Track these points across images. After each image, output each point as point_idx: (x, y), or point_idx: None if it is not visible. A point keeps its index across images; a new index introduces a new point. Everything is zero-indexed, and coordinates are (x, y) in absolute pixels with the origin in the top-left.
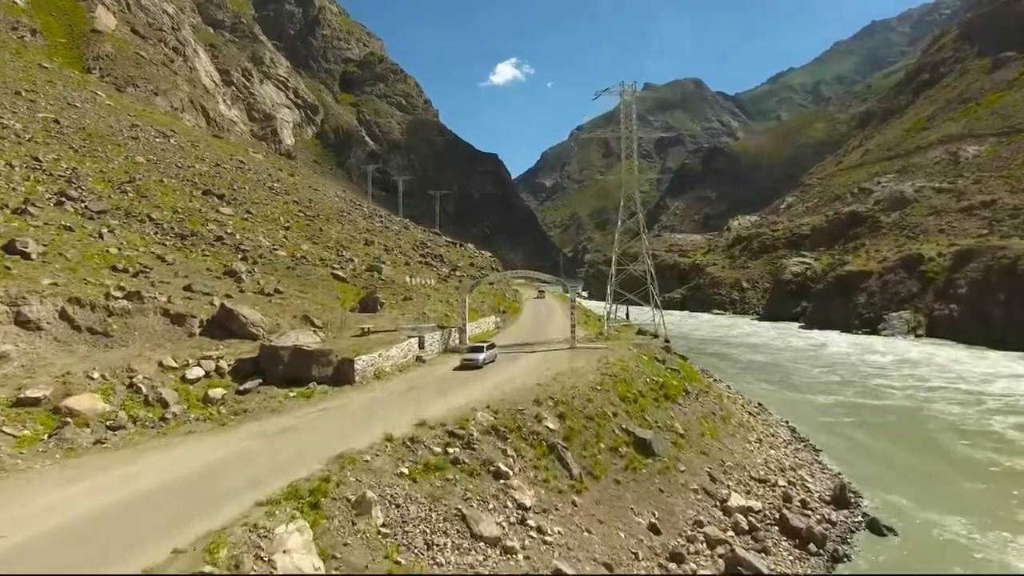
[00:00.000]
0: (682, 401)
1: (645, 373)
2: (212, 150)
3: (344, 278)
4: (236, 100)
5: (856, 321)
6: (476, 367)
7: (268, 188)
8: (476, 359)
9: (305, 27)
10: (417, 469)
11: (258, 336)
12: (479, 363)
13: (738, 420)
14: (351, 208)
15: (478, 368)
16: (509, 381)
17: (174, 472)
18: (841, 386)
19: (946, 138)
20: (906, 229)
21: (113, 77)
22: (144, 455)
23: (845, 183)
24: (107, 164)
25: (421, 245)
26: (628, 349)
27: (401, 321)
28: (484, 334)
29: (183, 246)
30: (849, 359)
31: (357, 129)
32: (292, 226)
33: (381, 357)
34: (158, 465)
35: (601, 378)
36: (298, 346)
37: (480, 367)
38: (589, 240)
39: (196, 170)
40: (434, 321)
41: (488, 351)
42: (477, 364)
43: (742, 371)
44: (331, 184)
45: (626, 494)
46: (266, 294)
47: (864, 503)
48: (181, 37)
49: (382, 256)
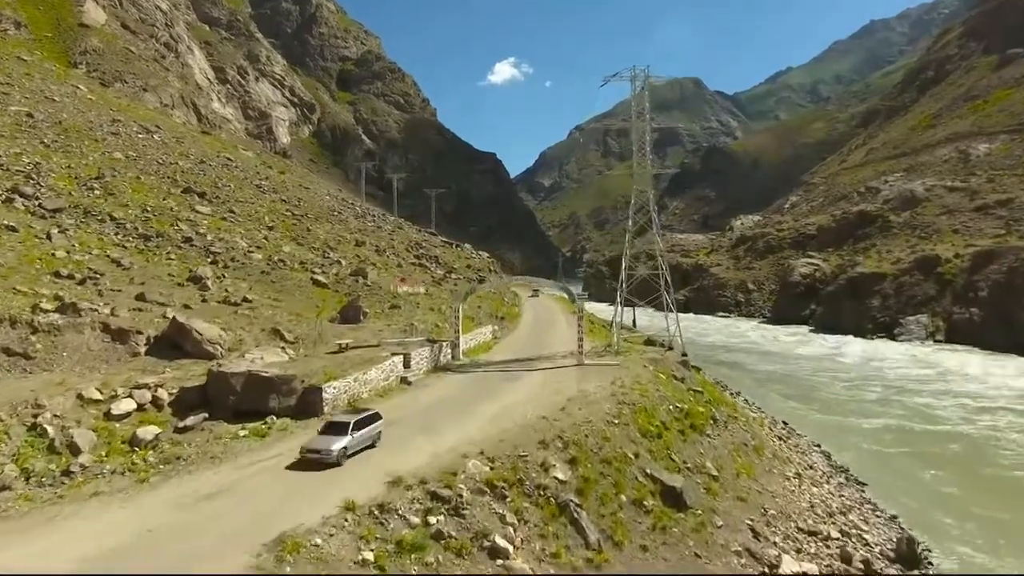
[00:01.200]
0: (711, 431)
1: (667, 398)
2: (199, 146)
3: (325, 284)
4: (231, 98)
5: (870, 325)
6: (330, 463)
7: (255, 186)
8: (328, 451)
9: (302, 25)
10: (386, 552)
11: (215, 355)
12: (333, 457)
13: (772, 450)
14: (343, 207)
15: (334, 465)
16: (508, 412)
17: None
18: (880, 405)
19: (954, 136)
20: (918, 229)
21: (100, 72)
22: None
23: (850, 182)
24: (79, 160)
25: (415, 246)
26: (643, 366)
27: (386, 334)
28: (480, 347)
29: (146, 248)
30: (878, 369)
31: (354, 128)
32: (277, 226)
33: (357, 382)
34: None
35: (618, 407)
36: (254, 372)
37: (337, 463)
38: (588, 240)
39: (179, 167)
40: (423, 333)
41: (358, 432)
42: (331, 459)
43: (759, 383)
44: (325, 183)
45: (656, 563)
46: (232, 303)
47: (936, 561)
48: (175, 34)
49: (371, 258)
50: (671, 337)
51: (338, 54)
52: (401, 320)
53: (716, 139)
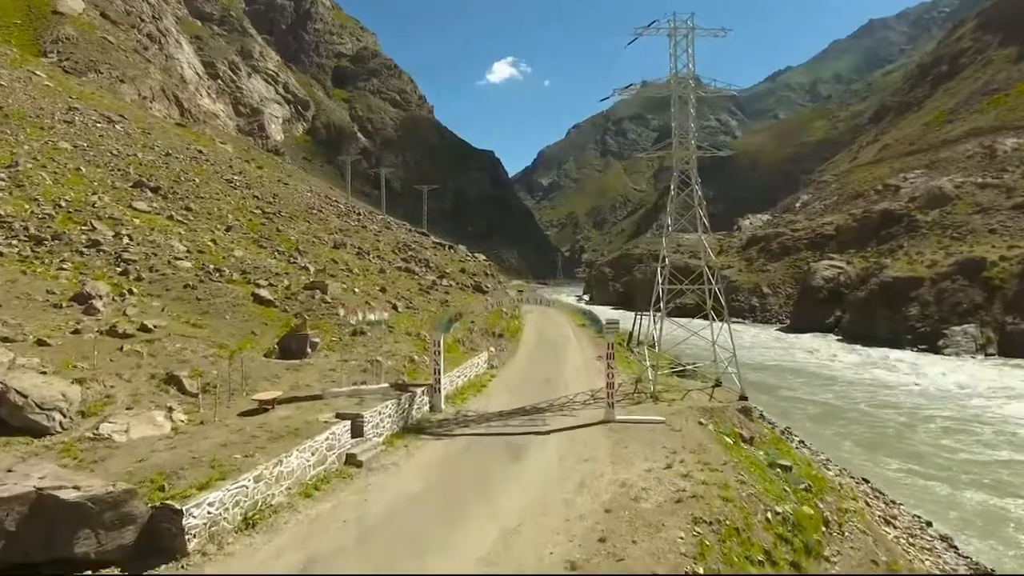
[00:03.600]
0: (828, 550)
1: (757, 495)
2: (168, 139)
3: (271, 301)
4: (221, 93)
5: (909, 336)
6: None
7: (226, 181)
8: None
9: (297, 21)
10: None
11: (49, 428)
12: None
13: (907, 568)
14: (325, 205)
15: None
16: (511, 546)
17: None
18: (1005, 464)
19: (976, 131)
20: (950, 229)
21: (73, 61)
22: None
23: (865, 179)
24: (8, 148)
25: (403, 247)
26: (698, 423)
27: (339, 375)
28: (472, 384)
29: (32, 254)
30: (953, 394)
31: (349, 125)
32: (240, 225)
33: (262, 482)
34: None
35: (693, 530)
36: (46, 493)
37: None
38: (586, 240)
39: (137, 159)
40: (391, 373)
41: None
42: None
43: (818, 422)
44: (314, 180)
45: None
46: (123, 334)
47: None
48: (162, 27)
49: (351, 262)
50: (720, 367)
51: (333, 50)
52: (365, 351)
53: (715, 138)
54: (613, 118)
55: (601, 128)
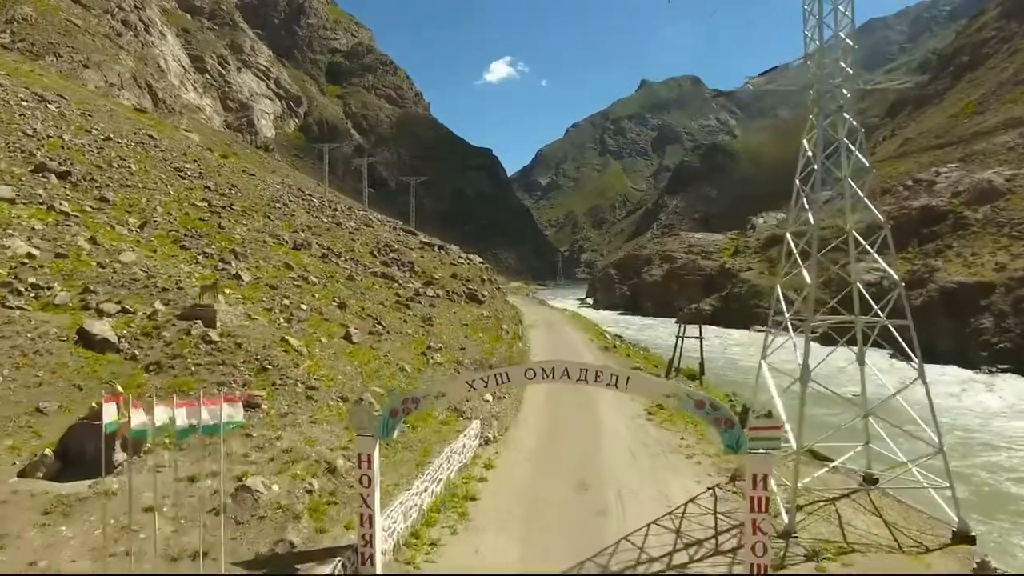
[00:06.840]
0: None
1: None
2: (115, 123)
3: (112, 343)
4: (209, 88)
5: (984, 353)
6: None
7: (174, 169)
8: None
9: (290, 15)
10: None
11: None
12: None
13: None
14: (294, 198)
15: None
16: None
17: None
18: None
19: (1012, 121)
20: (1005, 227)
21: (29, 43)
22: None
23: (891, 175)
24: None
25: (384, 248)
26: None
27: (145, 535)
28: (451, 499)
29: None
30: None
31: (343, 122)
32: (165, 220)
33: None
34: None
35: None
36: None
37: None
38: (586, 239)
39: (60, 141)
40: (276, 515)
41: None
42: None
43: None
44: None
45: None
46: None
47: None
48: (144, 16)
49: (311, 267)
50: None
51: (327, 46)
52: (243, 449)
53: (715, 137)
54: (612, 117)
55: (600, 127)
